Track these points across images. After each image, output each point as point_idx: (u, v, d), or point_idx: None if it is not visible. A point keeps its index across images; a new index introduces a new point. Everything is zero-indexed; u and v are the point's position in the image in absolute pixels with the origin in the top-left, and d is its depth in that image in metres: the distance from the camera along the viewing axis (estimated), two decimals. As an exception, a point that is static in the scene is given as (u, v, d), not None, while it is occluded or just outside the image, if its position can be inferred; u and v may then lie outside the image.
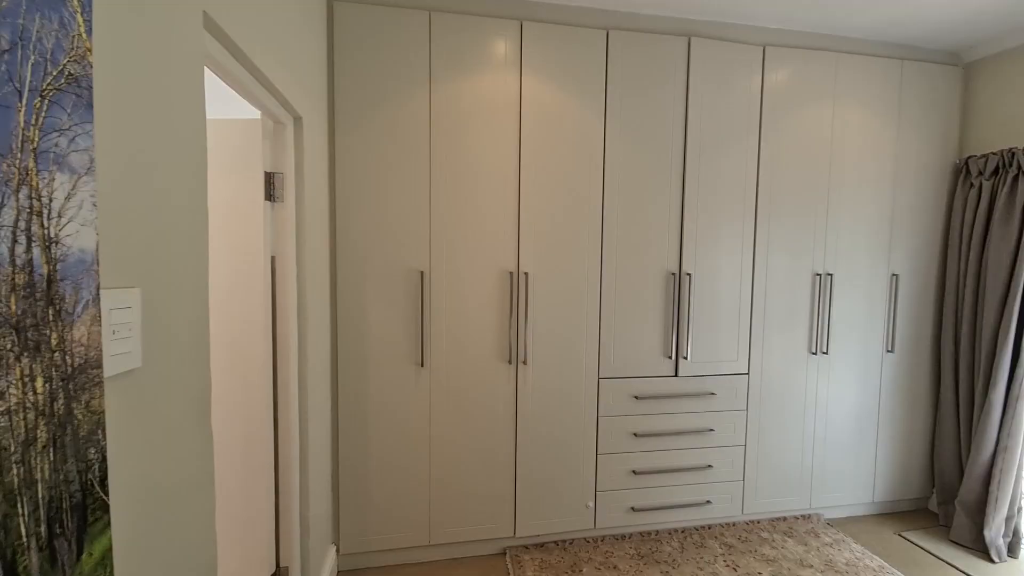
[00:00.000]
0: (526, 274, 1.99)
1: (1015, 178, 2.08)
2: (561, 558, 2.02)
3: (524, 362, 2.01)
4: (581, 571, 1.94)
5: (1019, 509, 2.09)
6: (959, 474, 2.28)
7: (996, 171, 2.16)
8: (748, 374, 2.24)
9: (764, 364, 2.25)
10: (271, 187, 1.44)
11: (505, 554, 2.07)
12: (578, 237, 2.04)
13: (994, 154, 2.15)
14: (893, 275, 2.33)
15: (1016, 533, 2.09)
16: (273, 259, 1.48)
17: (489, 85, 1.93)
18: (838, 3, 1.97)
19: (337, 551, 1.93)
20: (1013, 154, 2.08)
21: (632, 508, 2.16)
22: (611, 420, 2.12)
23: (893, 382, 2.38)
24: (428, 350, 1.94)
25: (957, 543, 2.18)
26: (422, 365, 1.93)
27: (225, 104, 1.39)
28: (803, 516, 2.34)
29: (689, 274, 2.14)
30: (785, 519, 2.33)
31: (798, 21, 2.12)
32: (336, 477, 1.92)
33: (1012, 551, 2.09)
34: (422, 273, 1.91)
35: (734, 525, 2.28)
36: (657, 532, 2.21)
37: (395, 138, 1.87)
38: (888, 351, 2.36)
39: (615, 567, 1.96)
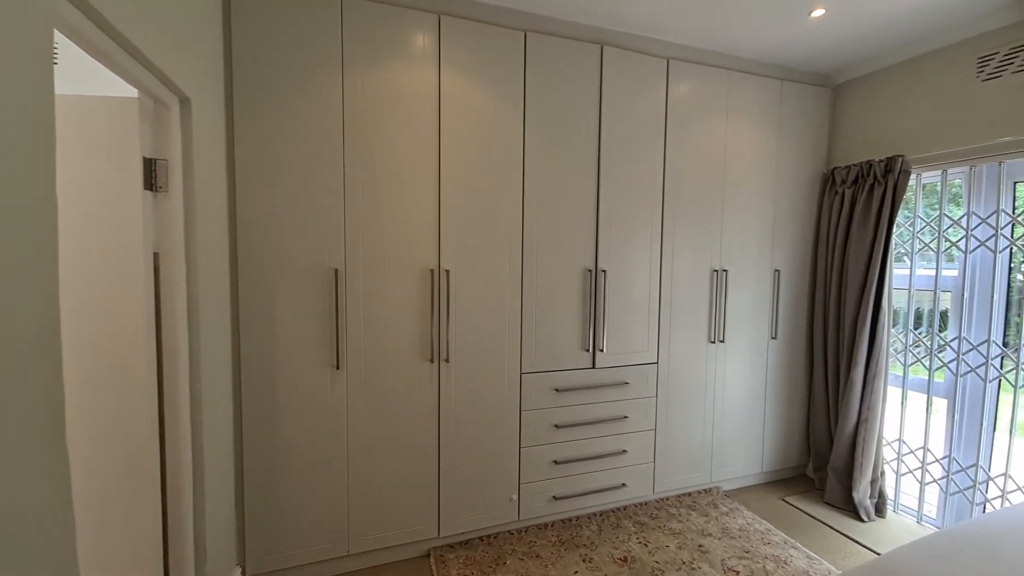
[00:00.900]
0: (447, 271, 1.97)
1: (871, 186, 2.44)
2: (486, 553, 2.04)
3: (446, 360, 1.99)
4: (505, 563, 1.97)
5: (882, 473, 2.44)
6: (830, 443, 2.63)
7: (856, 180, 2.51)
8: (657, 363, 2.41)
9: (671, 353, 2.43)
10: (152, 175, 1.29)
11: (430, 556, 2.04)
12: (499, 234, 2.06)
13: (855, 165, 2.51)
14: (776, 271, 2.64)
15: (881, 495, 2.42)
16: (156, 255, 1.32)
17: (407, 77, 1.88)
18: (727, 26, 2.17)
19: (243, 573, 1.79)
20: (870, 165, 2.43)
21: (554, 497, 2.23)
22: (533, 413, 2.17)
23: (777, 365, 2.69)
24: (344, 351, 1.85)
25: (831, 504, 2.52)
26: (338, 367, 1.84)
27: (109, 83, 1.21)
28: (705, 490, 2.58)
29: (604, 271, 2.26)
30: (690, 494, 2.54)
31: (697, 39, 2.31)
32: (241, 493, 1.77)
33: (879, 511, 2.39)
34: (336, 271, 1.82)
35: (646, 504, 2.45)
36: (577, 518, 2.30)
37: (305, 127, 1.76)
38: (773, 338, 2.66)
39: (537, 556, 2.02)
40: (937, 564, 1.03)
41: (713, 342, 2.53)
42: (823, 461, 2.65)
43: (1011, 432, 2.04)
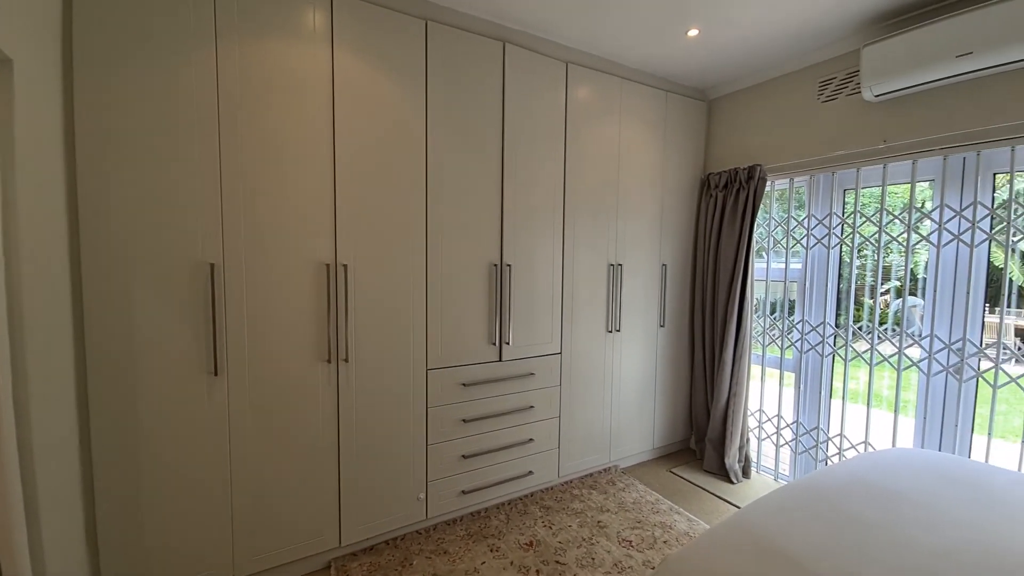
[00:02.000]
0: (345, 266, 1.87)
1: (737, 191, 2.78)
2: (392, 556, 1.98)
3: (345, 360, 1.89)
4: (412, 564, 1.93)
5: (747, 440, 2.82)
6: (707, 417, 2.97)
7: (726, 185, 2.85)
8: (561, 353, 2.52)
9: (573, 343, 2.57)
10: (-52, 147, 1.04)
11: (330, 567, 1.93)
12: (402, 228, 2.01)
13: (725, 172, 2.84)
14: (663, 264, 2.91)
15: (747, 459, 2.79)
16: (-42, 247, 1.08)
17: (297, 56, 1.74)
18: (616, 36, 2.33)
19: (98, 616, 1.54)
20: (737, 172, 2.77)
21: (463, 491, 2.24)
22: (441, 409, 2.16)
23: (665, 350, 2.97)
24: (225, 355, 1.67)
25: (709, 471, 2.85)
26: (216, 373, 1.66)
27: None
28: (604, 469, 2.77)
29: (510, 265, 2.30)
30: (591, 475, 2.71)
31: (592, 46, 2.45)
32: (93, 524, 1.52)
33: (745, 473, 2.77)
34: (213, 266, 1.63)
35: (552, 488, 2.56)
36: (486, 509, 2.34)
37: (169, 103, 1.54)
38: (661, 326, 2.93)
39: (446, 552, 2.01)
40: (779, 512, 1.22)
41: (611, 332, 2.71)
42: (702, 434, 2.99)
43: (843, 399, 2.46)
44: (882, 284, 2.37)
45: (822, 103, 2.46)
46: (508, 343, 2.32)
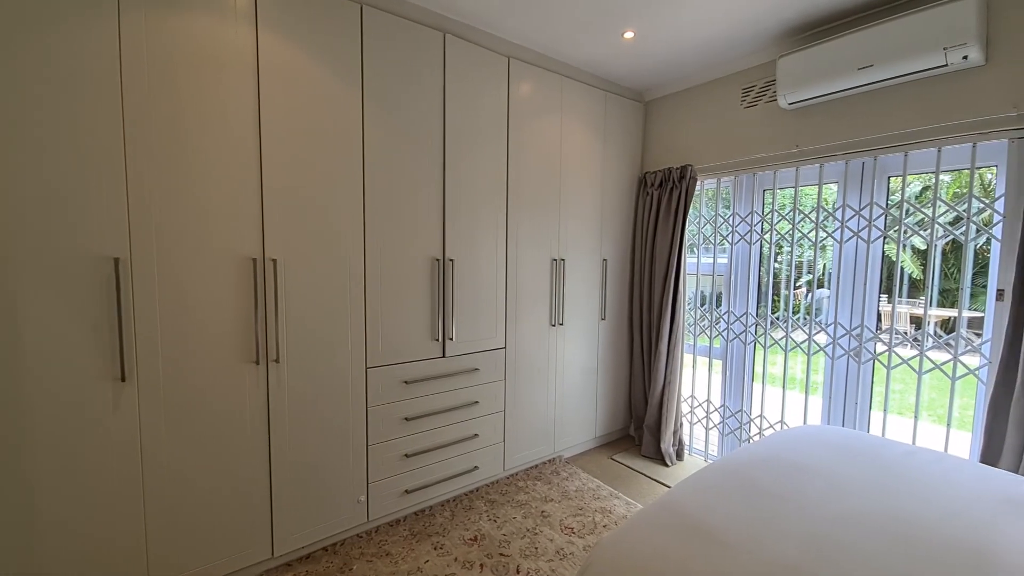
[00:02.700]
0: (274, 261, 1.76)
1: (671, 189, 2.92)
2: (331, 563, 1.91)
3: (276, 360, 1.79)
4: (352, 570, 1.87)
5: (681, 424, 2.99)
6: (645, 405, 3.12)
7: (661, 184, 2.99)
8: (505, 348, 2.54)
9: (518, 338, 2.59)
10: None
11: (262, 579, 1.83)
12: (338, 221, 1.92)
13: (660, 171, 2.97)
14: (604, 259, 3.00)
15: (680, 442, 2.96)
16: None
17: (212, 32, 1.60)
18: (558, 33, 2.36)
19: (-21, 660, 1.35)
20: (670, 171, 2.90)
21: (406, 491, 2.19)
22: (382, 408, 2.09)
23: (606, 343, 3.08)
24: (134, 359, 1.52)
25: (646, 456, 2.99)
26: (124, 379, 1.50)
27: None
28: (549, 460, 2.83)
29: (452, 260, 2.28)
30: (536, 466, 2.76)
31: (534, 42, 2.47)
32: (-30, 557, 1.33)
33: (679, 455, 2.94)
34: (118, 260, 1.47)
35: (497, 482, 2.58)
36: (431, 507, 2.31)
37: (60, 77, 1.37)
38: (603, 319, 3.03)
39: (388, 554, 1.97)
40: (701, 490, 1.31)
41: (554, 325, 2.76)
42: (641, 421, 3.13)
43: (763, 383, 2.67)
44: (797, 277, 2.60)
45: (744, 109, 2.64)
46: (452, 339, 2.30)
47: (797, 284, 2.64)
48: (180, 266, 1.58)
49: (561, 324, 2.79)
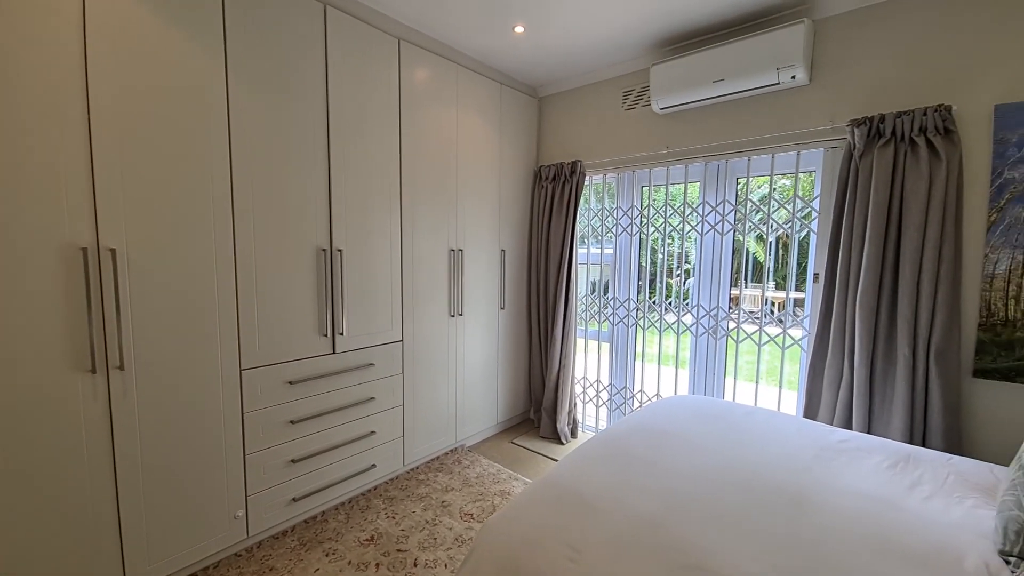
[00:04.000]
0: (112, 251, 1.50)
1: (563, 183, 3.06)
2: (203, 588, 1.71)
3: (120, 367, 1.53)
4: (228, 591, 1.70)
5: (575, 405, 3.18)
6: (543, 388, 3.27)
7: (555, 177, 3.12)
8: (402, 341, 2.47)
9: (415, 330, 2.54)
10: None
11: (113, 621, 1.58)
12: (200, 207, 1.69)
13: (554, 165, 3.10)
14: (502, 250, 3.06)
15: (575, 421, 3.16)
16: None
17: (13, -29, 1.30)
18: (449, 21, 2.33)
19: None
20: (562, 166, 3.05)
21: (293, 499, 2.04)
22: (262, 413, 1.92)
23: (506, 331, 3.16)
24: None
25: (544, 437, 3.14)
26: None
27: None
28: (452, 450, 2.84)
29: (341, 250, 2.15)
30: (438, 457, 2.75)
31: (425, 27, 2.40)
32: None
33: (573, 433, 3.13)
34: None
35: (398, 478, 2.52)
36: (323, 512, 2.18)
37: None
38: (502, 308, 3.10)
39: (272, 568, 1.82)
40: (579, 462, 1.42)
41: (453, 316, 2.76)
42: (539, 404, 3.28)
43: (643, 360, 2.95)
44: (678, 266, 2.90)
45: (625, 110, 2.86)
46: (342, 333, 2.18)
47: (678, 272, 2.95)
48: (-26, 258, 1.28)
49: (460, 315, 2.80)
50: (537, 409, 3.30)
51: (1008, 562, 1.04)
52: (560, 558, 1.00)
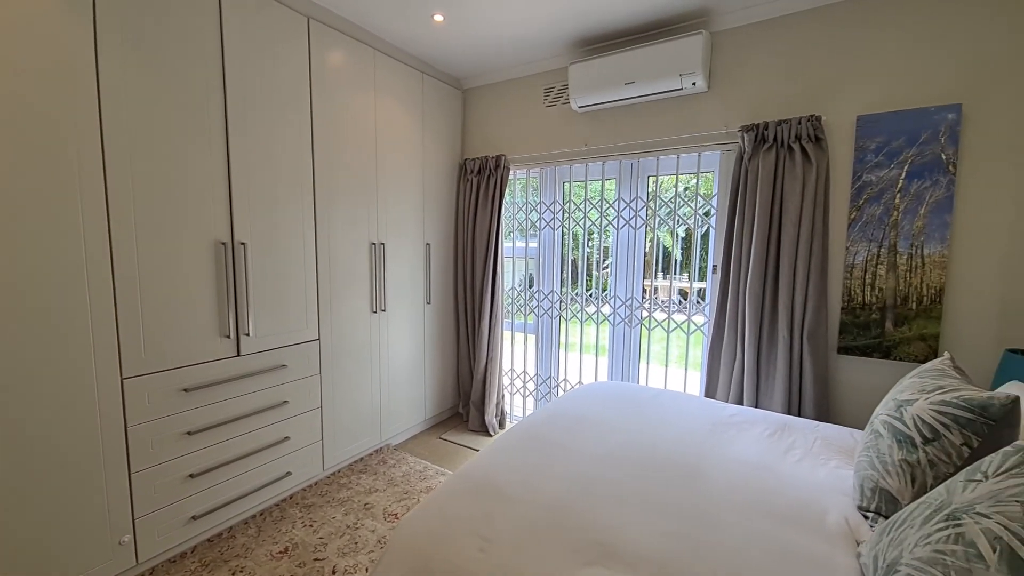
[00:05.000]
0: (-57, 246, 1.26)
1: (488, 177, 3.06)
2: (80, 626, 1.51)
3: (-41, 383, 1.30)
4: (113, 625, 1.52)
5: (503, 396, 3.22)
6: (471, 382, 3.27)
7: (480, 171, 3.11)
8: (319, 339, 2.34)
9: (333, 327, 2.42)
10: None
11: None
12: (64, 194, 1.47)
13: (479, 159, 3.09)
14: (427, 244, 3.01)
15: (503, 413, 3.21)
16: None
17: None
18: (365, 4, 2.22)
19: None
20: (487, 160, 3.04)
21: (193, 517, 1.87)
22: (150, 425, 1.72)
23: (432, 326, 3.11)
24: None
25: (473, 431, 3.15)
26: None
27: None
28: (377, 450, 2.75)
29: (244, 244, 1.98)
30: (362, 459, 2.66)
31: (337, 6, 2.26)
32: None
33: (502, 425, 3.19)
34: None
35: (317, 483, 2.40)
36: (230, 528, 2.02)
37: None
38: (428, 303, 3.05)
39: (168, 594, 1.66)
40: (496, 452, 1.45)
41: (376, 312, 2.66)
42: (467, 397, 3.28)
43: (565, 350, 3.05)
44: (602, 259, 3.03)
45: (547, 107, 2.91)
46: (248, 334, 2.02)
47: (604, 266, 3.08)
48: None
49: (384, 310, 2.71)
50: (466, 403, 3.30)
51: (867, 517, 1.17)
52: (471, 549, 1.01)
